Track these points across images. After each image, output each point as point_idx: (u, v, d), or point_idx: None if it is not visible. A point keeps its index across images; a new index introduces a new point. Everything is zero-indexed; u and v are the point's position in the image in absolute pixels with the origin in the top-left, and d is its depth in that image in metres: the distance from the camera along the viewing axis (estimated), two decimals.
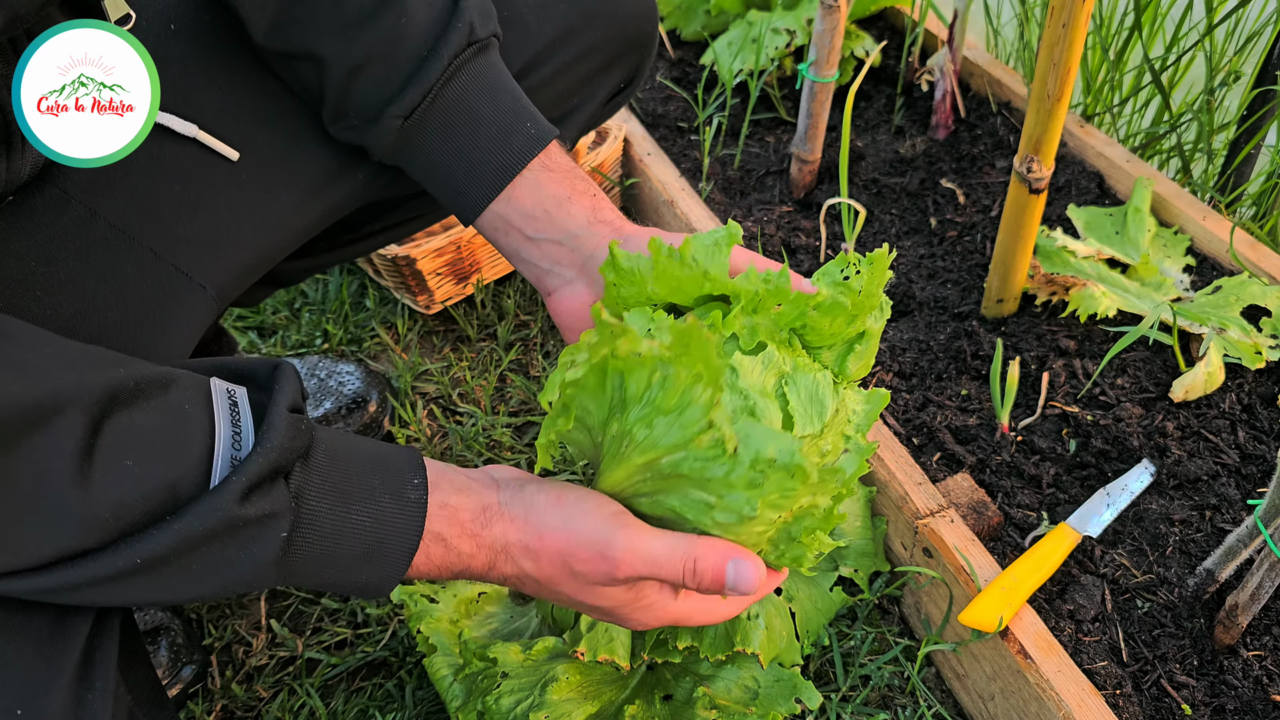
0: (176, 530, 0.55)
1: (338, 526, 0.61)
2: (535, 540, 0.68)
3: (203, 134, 0.78)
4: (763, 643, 0.92)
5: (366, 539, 0.62)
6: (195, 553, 0.56)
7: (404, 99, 0.78)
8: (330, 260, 1.07)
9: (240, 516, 0.56)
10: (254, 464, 0.57)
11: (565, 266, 0.82)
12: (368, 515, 0.62)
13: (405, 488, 0.64)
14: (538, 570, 0.69)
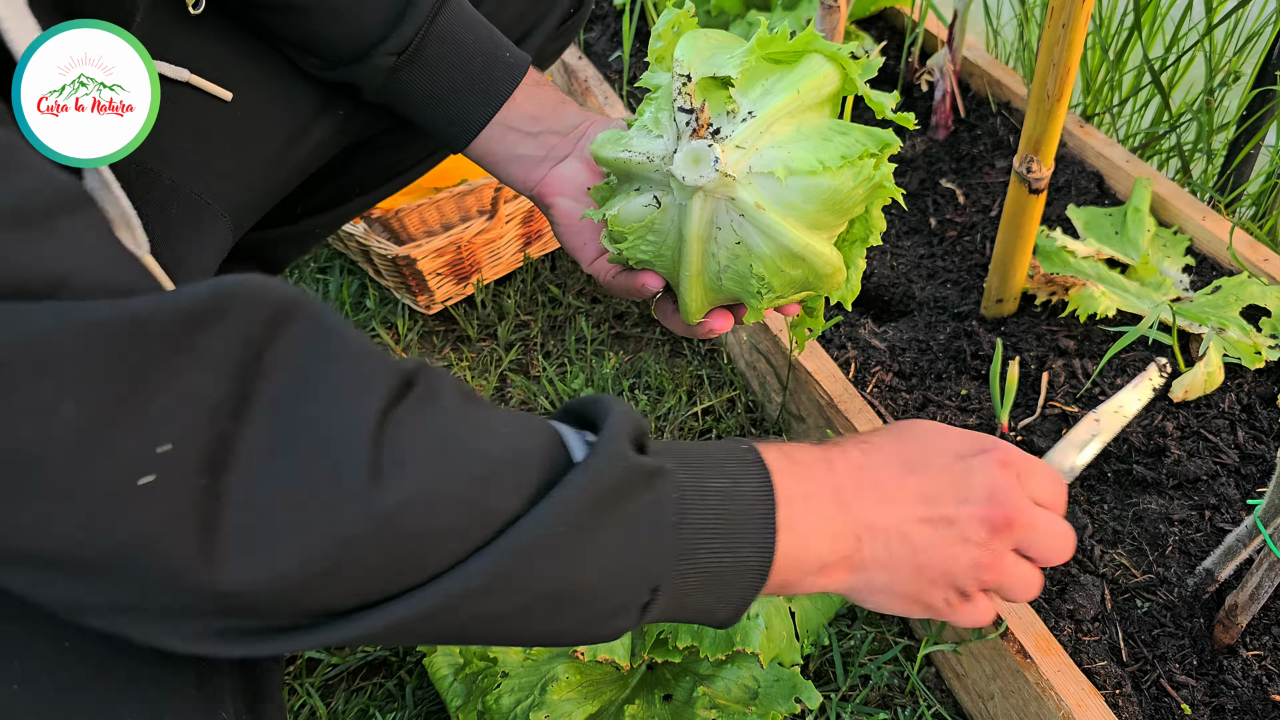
0: (581, 481, 0.50)
1: (702, 492, 0.57)
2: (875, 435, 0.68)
3: (195, 78, 0.80)
4: (762, 642, 0.92)
5: (732, 503, 0.58)
6: (605, 510, 0.51)
7: (396, 37, 0.82)
8: (310, 229, 1.08)
9: (636, 464, 0.52)
10: (621, 421, 0.54)
11: (560, 149, 0.88)
12: (723, 478, 0.58)
13: (740, 453, 0.61)
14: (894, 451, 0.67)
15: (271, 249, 1.07)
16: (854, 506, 0.63)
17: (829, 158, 0.72)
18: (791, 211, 0.73)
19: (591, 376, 1.37)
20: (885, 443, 0.67)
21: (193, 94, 0.81)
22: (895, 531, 0.64)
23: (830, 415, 1.14)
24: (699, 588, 0.57)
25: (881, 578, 0.65)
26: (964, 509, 0.65)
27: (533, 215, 1.47)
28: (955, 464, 0.66)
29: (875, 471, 0.65)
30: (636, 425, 0.56)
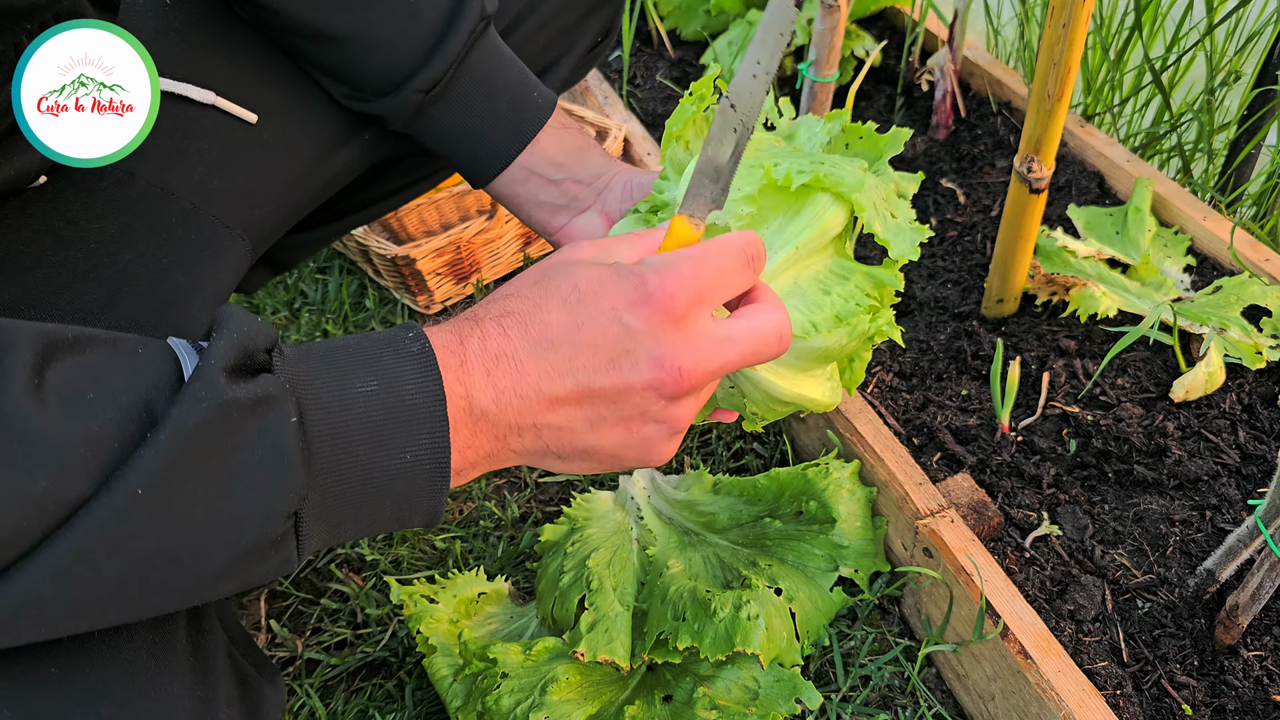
0: (164, 438, 0.46)
1: (344, 399, 0.52)
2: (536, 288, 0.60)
3: (220, 100, 0.80)
4: (763, 643, 0.92)
5: (384, 405, 0.53)
6: (200, 458, 0.47)
7: (426, 73, 0.82)
8: (324, 235, 1.09)
9: (232, 399, 0.47)
10: (220, 346, 0.49)
11: (582, 199, 0.89)
12: (373, 379, 0.53)
13: (402, 342, 0.56)
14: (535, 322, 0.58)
15: (283, 253, 1.07)
16: (491, 410, 0.57)
17: (822, 320, 0.72)
18: (782, 365, 0.74)
19: None
20: (530, 312, 0.59)
21: (218, 116, 0.81)
22: (545, 425, 0.59)
23: (830, 415, 1.14)
24: (366, 500, 0.53)
25: (547, 461, 0.62)
26: (629, 380, 0.58)
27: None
28: (612, 327, 0.58)
29: (515, 356, 0.58)
30: (246, 342, 0.50)
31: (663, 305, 0.58)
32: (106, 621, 0.49)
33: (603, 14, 1.05)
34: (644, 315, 0.58)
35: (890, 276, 0.75)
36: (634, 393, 0.59)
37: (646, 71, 1.82)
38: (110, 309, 0.72)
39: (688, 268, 0.59)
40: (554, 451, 0.61)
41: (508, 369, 0.58)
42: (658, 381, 0.59)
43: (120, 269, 0.73)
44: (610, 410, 0.59)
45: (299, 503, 0.50)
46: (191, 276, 0.77)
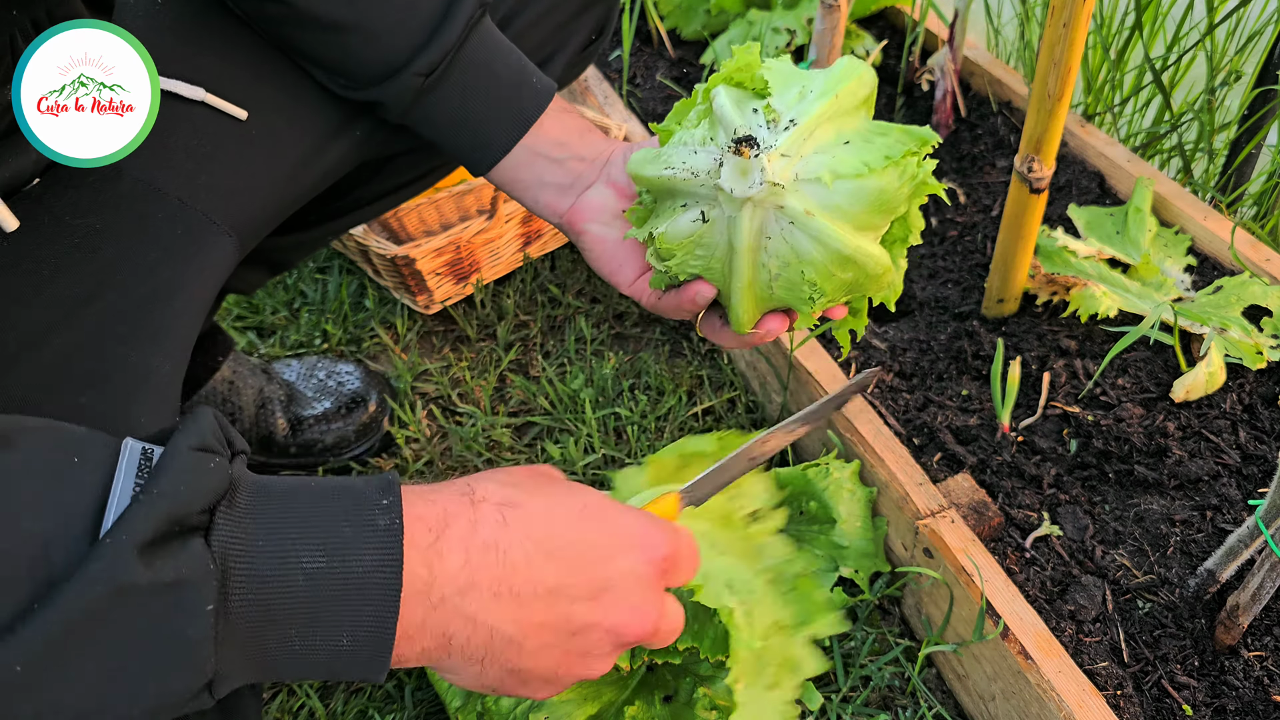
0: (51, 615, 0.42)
1: (283, 572, 0.47)
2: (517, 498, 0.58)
3: (210, 96, 0.80)
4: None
5: (328, 586, 0.48)
6: (89, 642, 0.43)
7: (425, 58, 0.82)
8: (320, 235, 1.09)
9: (133, 586, 0.43)
10: (138, 514, 0.44)
11: (586, 176, 0.88)
12: (322, 552, 0.48)
13: (369, 512, 0.51)
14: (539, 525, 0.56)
15: (279, 253, 1.07)
16: (451, 601, 0.53)
17: (873, 159, 0.72)
18: (840, 215, 0.73)
19: (591, 377, 1.37)
20: (537, 514, 0.57)
21: (207, 113, 0.81)
22: (500, 635, 0.56)
23: (831, 415, 1.14)
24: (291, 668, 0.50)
25: (469, 670, 0.57)
26: (598, 620, 0.58)
27: (532, 215, 1.46)
28: (612, 562, 0.58)
29: (508, 554, 0.55)
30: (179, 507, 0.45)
31: (661, 561, 0.60)
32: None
33: (597, 10, 1.05)
34: (643, 564, 0.60)
35: (926, 132, 0.75)
36: (598, 631, 0.59)
37: (646, 71, 1.82)
38: (92, 304, 0.72)
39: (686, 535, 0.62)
40: (486, 662, 0.57)
41: (495, 563, 0.55)
42: (621, 631, 0.60)
43: (103, 265, 0.73)
44: (566, 641, 0.58)
45: (207, 680, 0.47)
46: (176, 272, 0.76)
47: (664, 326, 1.46)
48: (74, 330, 0.70)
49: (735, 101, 0.75)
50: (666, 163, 0.77)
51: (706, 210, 0.75)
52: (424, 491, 0.56)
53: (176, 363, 0.74)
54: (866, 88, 0.76)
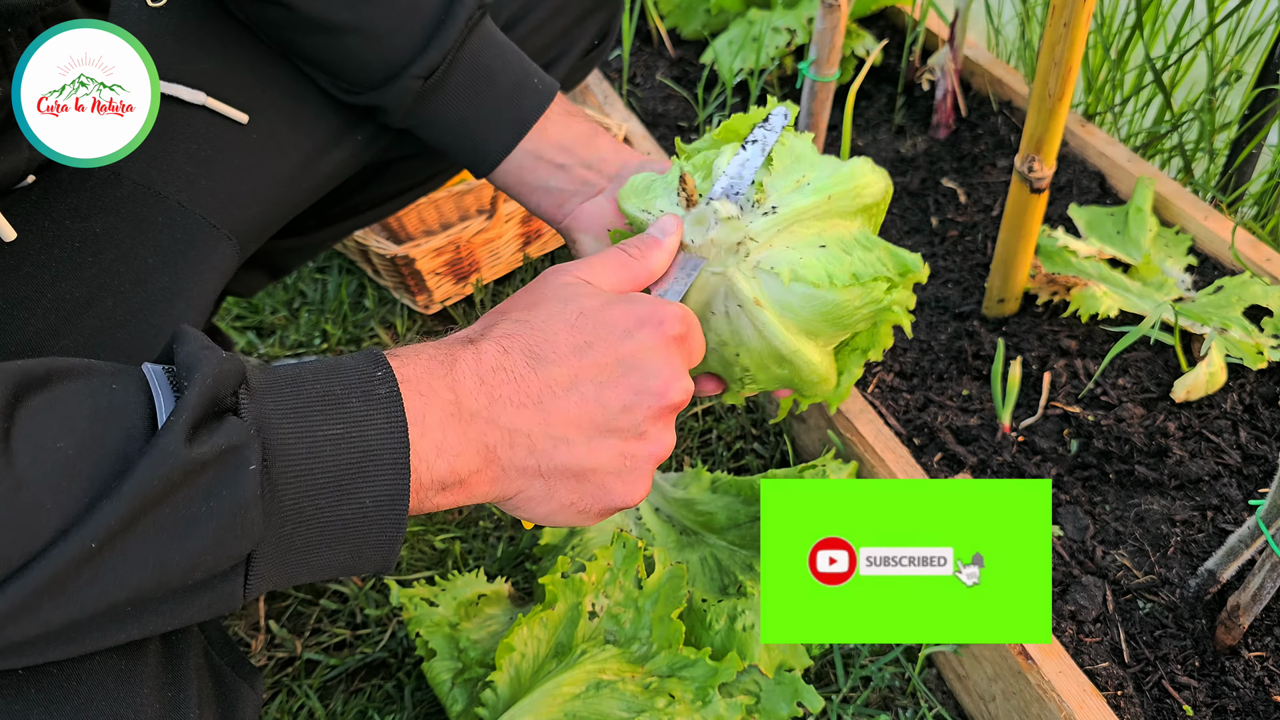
0: (126, 492, 0.46)
1: (312, 444, 0.52)
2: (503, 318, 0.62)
3: (211, 100, 0.80)
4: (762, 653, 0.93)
5: (350, 450, 0.53)
6: (156, 514, 0.47)
7: (424, 60, 0.82)
8: (319, 240, 1.09)
9: (193, 458, 0.47)
10: (189, 402, 0.49)
11: (591, 185, 0.88)
12: (340, 423, 0.53)
13: (370, 383, 0.55)
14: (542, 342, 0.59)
15: (279, 257, 1.07)
16: (483, 413, 0.57)
17: (839, 273, 0.72)
18: (789, 314, 0.73)
19: None
20: (532, 332, 0.60)
21: (208, 117, 0.81)
22: (543, 437, 0.59)
23: (831, 415, 1.14)
24: (319, 545, 0.53)
25: (534, 487, 0.60)
26: (636, 396, 0.60)
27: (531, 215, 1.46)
28: (624, 342, 0.61)
29: (514, 370, 0.58)
30: (214, 390, 0.50)
31: (672, 330, 0.62)
32: (45, 657, 0.49)
33: (600, 16, 1.04)
34: (655, 335, 0.61)
35: (915, 262, 0.75)
36: (641, 407, 0.60)
37: (646, 71, 1.82)
38: (91, 308, 0.72)
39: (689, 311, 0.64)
40: (544, 470, 0.59)
41: (505, 379, 0.58)
42: (664, 398, 0.61)
43: (103, 269, 0.73)
44: (615, 424, 0.60)
45: (252, 546, 0.50)
46: (176, 276, 0.77)
47: None
48: (72, 335, 0.70)
49: (739, 164, 0.75)
50: (645, 204, 0.77)
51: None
52: (431, 342, 0.60)
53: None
54: (871, 197, 0.75)
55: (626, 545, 0.94)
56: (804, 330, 0.74)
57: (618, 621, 0.92)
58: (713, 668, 0.88)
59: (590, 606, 0.92)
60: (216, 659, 0.62)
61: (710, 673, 0.88)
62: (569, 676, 0.87)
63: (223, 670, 0.62)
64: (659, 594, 0.92)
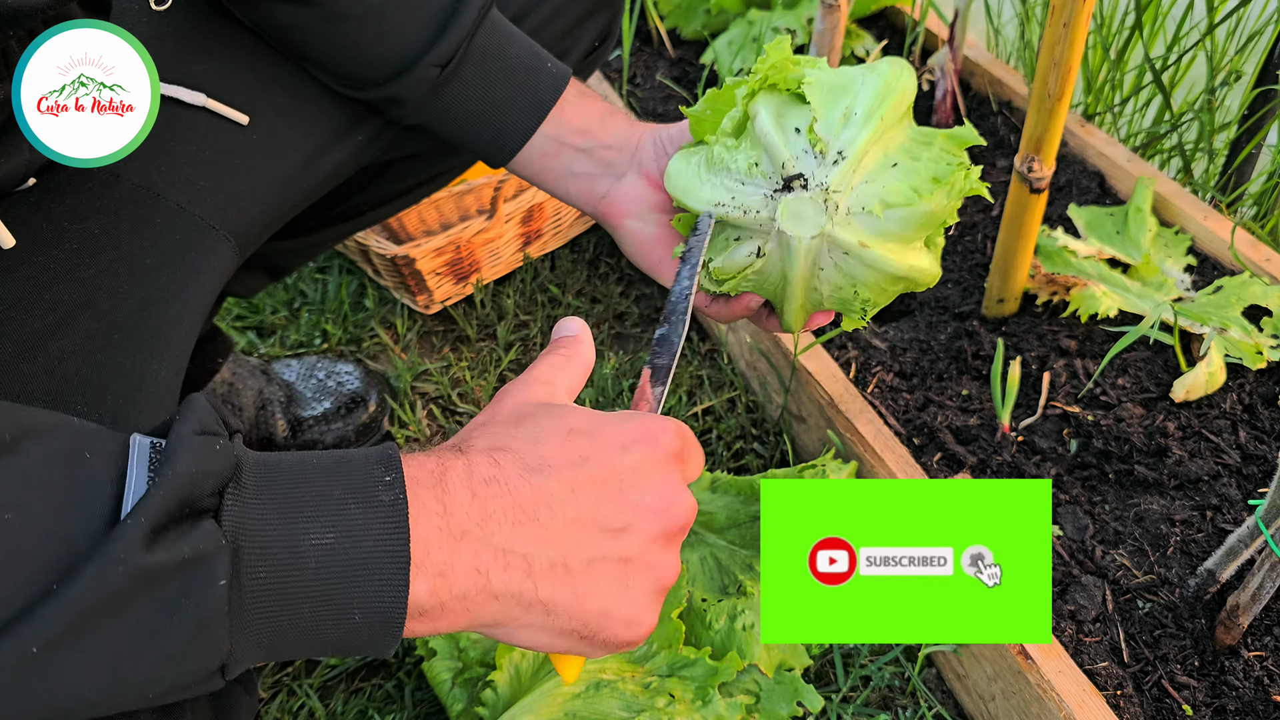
0: (73, 595, 0.42)
1: (295, 552, 0.47)
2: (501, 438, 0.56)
3: (211, 101, 0.80)
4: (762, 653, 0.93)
5: (339, 562, 0.48)
6: (106, 621, 0.43)
7: (439, 49, 0.82)
8: (320, 241, 1.09)
9: (148, 565, 0.43)
10: (153, 497, 0.44)
11: (617, 164, 0.87)
12: (331, 529, 0.48)
13: (374, 489, 0.50)
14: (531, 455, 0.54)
15: (279, 258, 1.07)
16: (474, 533, 0.52)
17: (922, 183, 0.73)
18: (892, 239, 0.74)
19: (591, 376, 1.37)
20: (525, 448, 0.55)
21: (208, 118, 0.80)
22: (540, 557, 0.53)
23: (831, 415, 1.14)
24: (304, 646, 0.49)
25: (532, 615, 0.54)
26: (634, 515, 0.56)
27: (532, 215, 1.46)
28: (620, 459, 0.56)
29: (508, 483, 0.54)
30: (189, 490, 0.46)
31: (666, 446, 0.57)
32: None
33: (600, 18, 1.04)
34: (650, 451, 0.57)
35: (970, 133, 0.75)
36: (640, 527, 0.56)
37: (646, 71, 1.82)
38: (89, 309, 0.71)
39: (676, 424, 0.59)
40: (542, 597, 0.54)
41: (499, 493, 0.53)
42: (663, 518, 0.56)
43: (101, 270, 0.73)
44: (613, 546, 0.55)
45: (221, 661, 0.47)
46: (174, 277, 0.76)
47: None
48: (70, 337, 0.70)
49: (777, 120, 0.75)
50: (713, 196, 0.76)
51: (761, 245, 0.76)
52: (418, 454, 0.55)
53: (174, 367, 0.74)
54: (909, 97, 0.76)
55: None
56: (909, 245, 0.76)
57: None
58: (712, 667, 0.88)
59: None
60: None
61: (710, 672, 0.88)
62: None
63: None
64: None
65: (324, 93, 0.88)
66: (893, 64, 0.76)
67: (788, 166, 0.73)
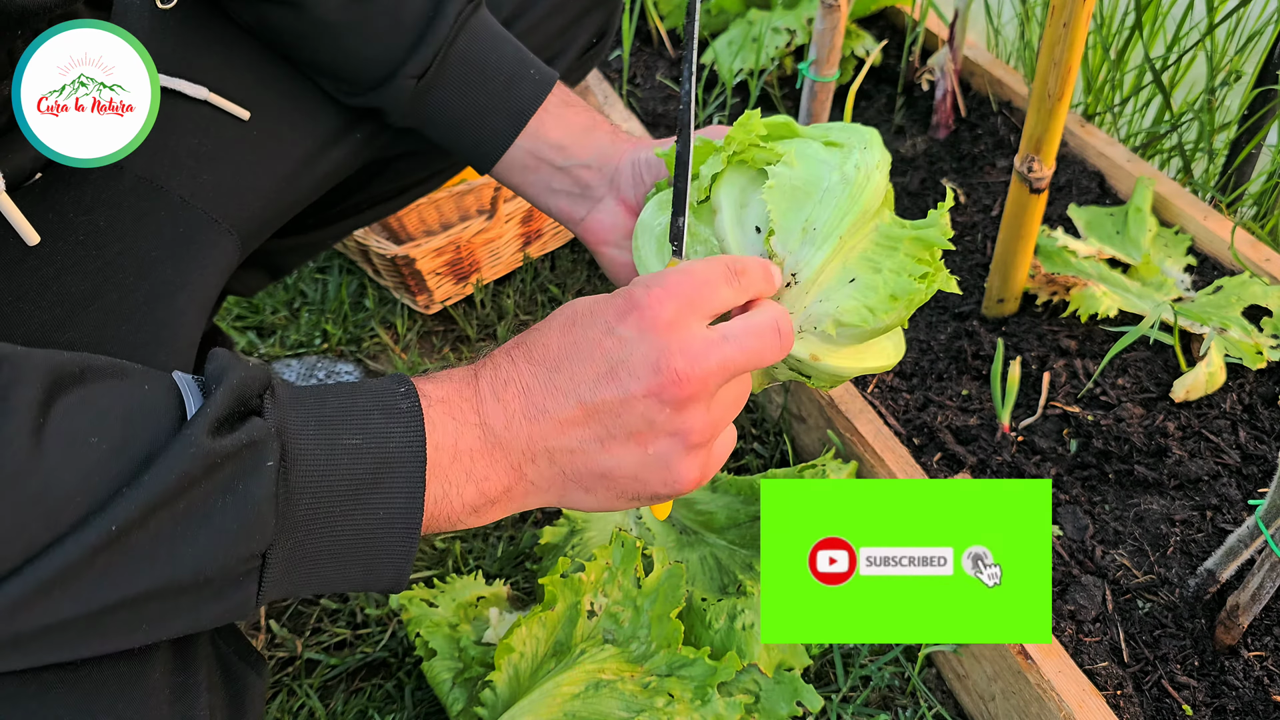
0: (148, 483, 0.47)
1: (330, 452, 0.52)
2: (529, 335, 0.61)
3: (213, 96, 0.80)
4: (762, 652, 0.93)
5: (367, 460, 0.53)
6: (175, 505, 0.48)
7: (416, 59, 0.82)
8: (320, 239, 1.09)
9: (216, 450, 0.49)
10: (216, 400, 0.50)
11: (595, 187, 0.87)
12: (359, 434, 0.53)
13: (393, 399, 0.56)
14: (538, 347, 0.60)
15: (279, 256, 1.08)
16: (504, 435, 0.58)
17: (879, 302, 0.71)
18: (846, 349, 0.74)
19: None
20: (533, 341, 0.61)
21: (211, 112, 0.81)
22: (557, 448, 0.59)
23: (831, 415, 1.14)
24: (332, 555, 0.54)
25: (570, 494, 0.61)
26: (628, 389, 0.58)
27: (532, 215, 1.47)
28: (606, 340, 0.59)
29: (522, 380, 0.59)
30: (241, 391, 0.51)
31: (651, 313, 0.59)
32: (51, 656, 0.50)
33: (597, 15, 1.04)
34: (634, 323, 0.59)
35: (937, 235, 0.73)
36: (635, 401, 0.58)
37: (646, 71, 1.82)
38: (95, 302, 0.72)
39: (673, 279, 0.61)
40: (572, 479, 0.60)
41: (516, 393, 0.59)
42: (656, 386, 0.58)
43: (106, 262, 0.73)
44: (616, 425, 0.59)
45: (265, 546, 0.51)
46: (178, 270, 0.77)
47: None
48: (77, 329, 0.70)
49: (738, 218, 0.73)
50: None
51: None
52: (457, 370, 0.61)
53: (180, 360, 0.75)
54: (878, 197, 0.73)
55: (625, 545, 0.94)
56: (863, 352, 0.75)
57: (616, 621, 0.92)
58: (712, 667, 0.88)
59: (589, 606, 0.92)
60: (224, 646, 0.63)
61: (709, 672, 0.88)
62: (568, 676, 0.87)
63: (230, 658, 0.63)
64: (658, 593, 0.92)
65: (323, 92, 0.88)
66: (864, 158, 0.73)
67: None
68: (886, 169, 0.75)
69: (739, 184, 0.74)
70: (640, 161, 0.85)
